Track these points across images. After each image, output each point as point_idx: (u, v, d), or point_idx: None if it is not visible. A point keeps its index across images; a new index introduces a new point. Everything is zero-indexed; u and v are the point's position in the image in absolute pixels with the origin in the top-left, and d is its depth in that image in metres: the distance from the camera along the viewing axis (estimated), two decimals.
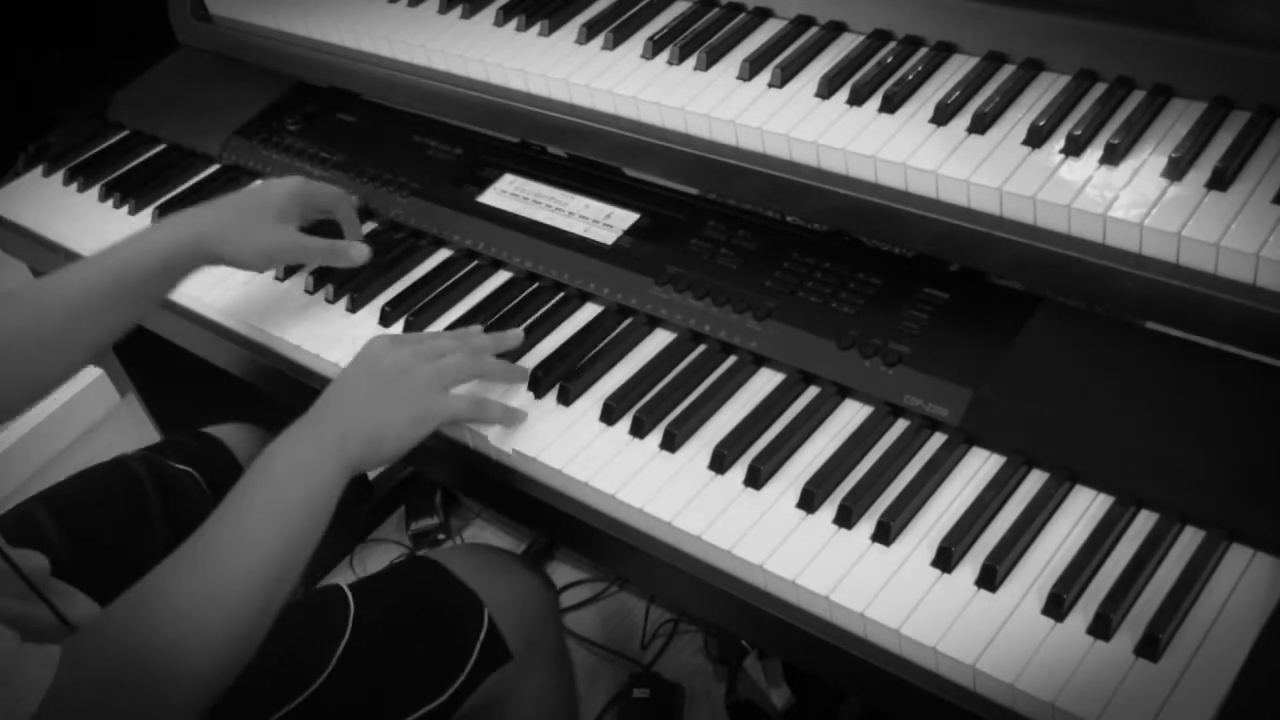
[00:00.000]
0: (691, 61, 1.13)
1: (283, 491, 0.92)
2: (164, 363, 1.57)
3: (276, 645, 0.91)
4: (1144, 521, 0.87)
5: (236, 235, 1.14)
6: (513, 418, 1.04)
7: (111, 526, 1.19)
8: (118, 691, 0.79)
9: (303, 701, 1.04)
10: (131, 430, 2.26)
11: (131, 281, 1.09)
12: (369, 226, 1.33)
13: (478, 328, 1.12)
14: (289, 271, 1.27)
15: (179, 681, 0.82)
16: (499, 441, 1.03)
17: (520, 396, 1.07)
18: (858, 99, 1.04)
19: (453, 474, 1.10)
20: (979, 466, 0.94)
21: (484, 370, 1.05)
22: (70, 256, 1.42)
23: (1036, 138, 0.96)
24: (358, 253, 1.22)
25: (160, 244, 1.12)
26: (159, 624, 0.83)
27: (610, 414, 1.03)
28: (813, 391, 1.02)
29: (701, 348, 1.08)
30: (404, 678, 1.08)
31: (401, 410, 0.98)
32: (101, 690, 0.78)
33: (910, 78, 1.04)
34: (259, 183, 1.21)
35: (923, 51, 1.08)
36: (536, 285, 1.19)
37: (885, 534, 0.89)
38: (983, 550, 0.87)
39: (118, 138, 1.59)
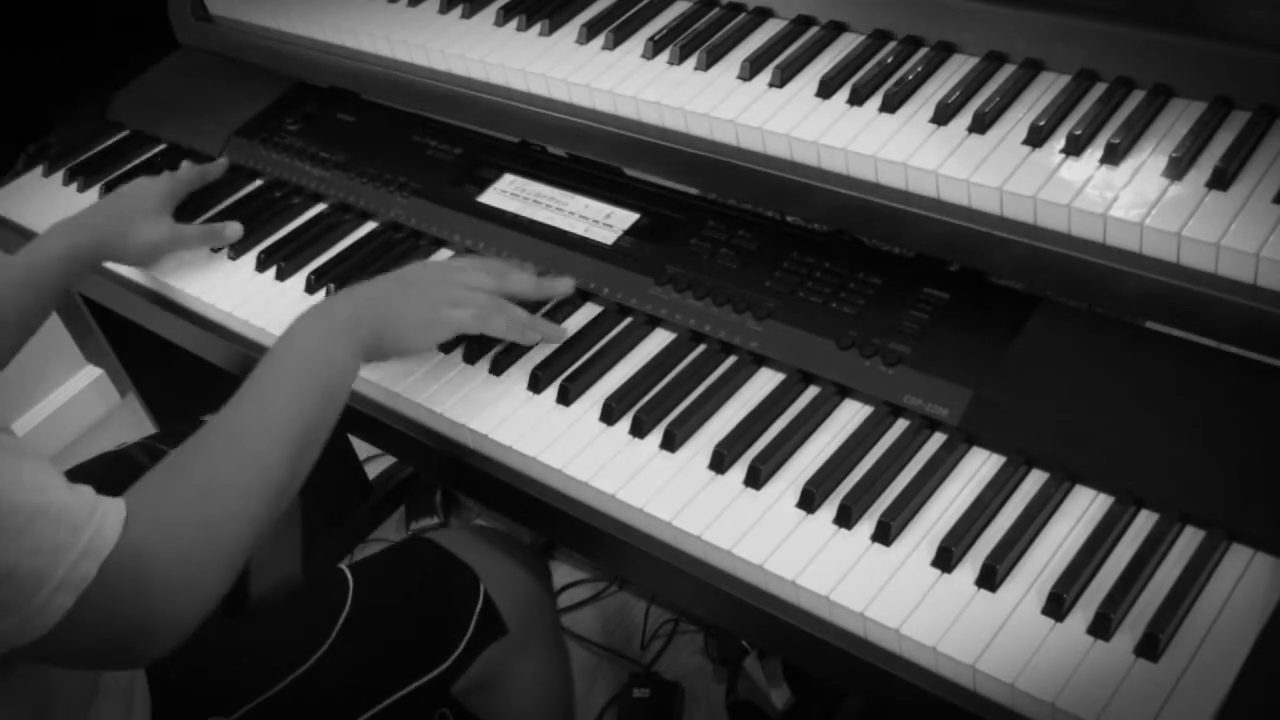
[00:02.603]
0: (692, 61, 1.13)
1: (299, 370, 0.95)
2: (164, 363, 1.57)
3: (277, 619, 0.93)
4: (1144, 521, 0.87)
5: (125, 237, 1.26)
6: (520, 329, 1.08)
7: None
8: (156, 554, 0.80)
9: (306, 670, 1.05)
10: (132, 430, 2.25)
11: (43, 289, 1.20)
12: (369, 226, 1.33)
13: (514, 265, 1.15)
14: (288, 272, 1.28)
15: (203, 553, 0.83)
16: (499, 439, 1.03)
17: (520, 396, 1.07)
18: (858, 99, 1.04)
19: (452, 473, 1.10)
20: (979, 466, 0.94)
21: (505, 315, 1.08)
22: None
23: (1037, 137, 0.96)
24: (232, 231, 1.31)
25: (63, 252, 1.22)
26: (183, 500, 0.84)
27: (610, 414, 1.03)
28: (813, 391, 1.02)
29: (701, 348, 1.08)
30: (403, 647, 1.10)
31: (412, 310, 1.03)
32: (145, 550, 0.80)
33: (910, 78, 1.04)
34: (132, 184, 1.34)
35: (923, 51, 1.08)
36: None
37: (885, 534, 0.89)
38: (983, 550, 0.87)
39: (118, 138, 1.59)
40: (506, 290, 1.09)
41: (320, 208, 1.37)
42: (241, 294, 1.27)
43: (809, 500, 0.93)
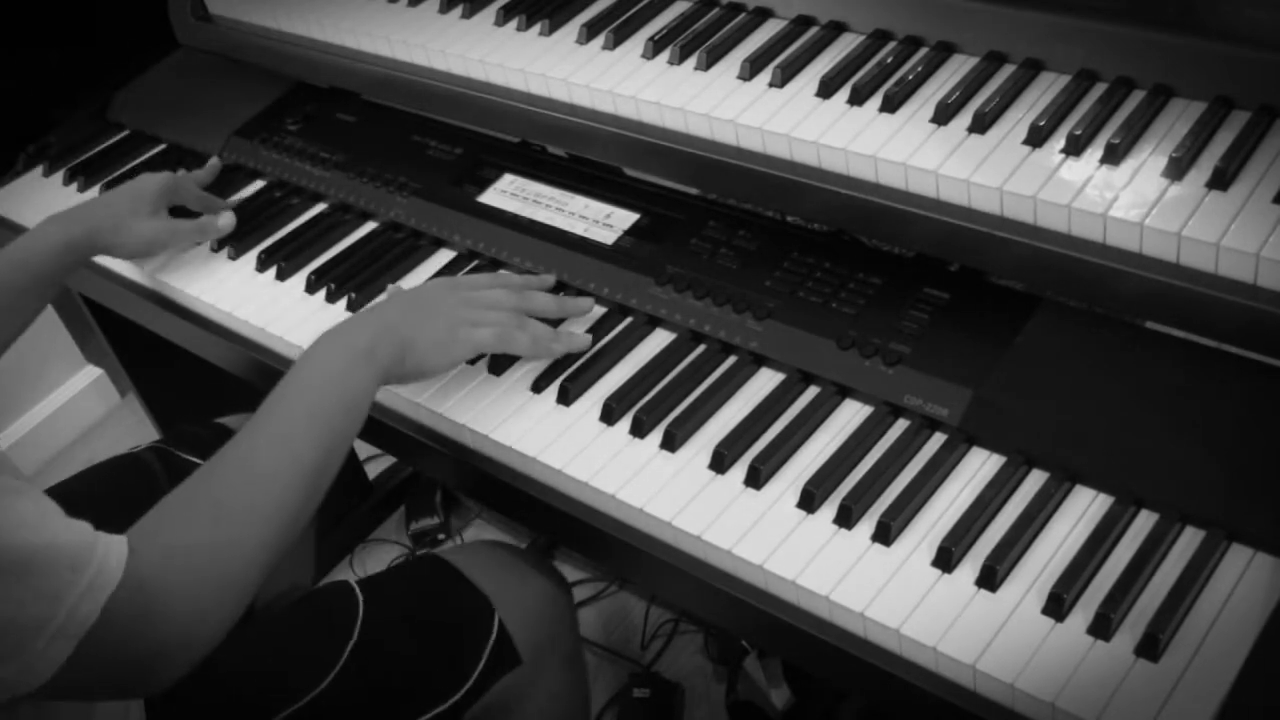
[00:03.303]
0: (692, 61, 1.13)
1: (318, 396, 0.94)
2: (164, 362, 1.57)
3: (284, 642, 0.91)
4: (1144, 521, 0.87)
5: (120, 229, 1.26)
6: (544, 345, 1.06)
7: (126, 520, 1.19)
8: (165, 585, 0.79)
9: (309, 701, 1.04)
10: (132, 430, 2.26)
11: (37, 278, 1.20)
12: (369, 226, 1.33)
13: (546, 281, 1.15)
14: (288, 272, 1.28)
15: (217, 581, 0.82)
16: (499, 439, 1.03)
17: (521, 396, 1.07)
18: (858, 99, 1.04)
19: (453, 473, 1.10)
20: (979, 466, 0.94)
21: (525, 332, 1.06)
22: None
23: (1037, 137, 0.96)
24: (225, 221, 1.33)
25: (58, 242, 1.22)
26: (196, 527, 0.83)
27: (610, 414, 1.03)
28: (813, 391, 1.02)
29: (701, 348, 1.08)
30: (411, 680, 1.08)
31: (431, 333, 1.02)
32: (152, 583, 0.78)
33: (910, 78, 1.04)
34: (131, 181, 1.34)
35: (923, 51, 1.08)
36: None
37: (885, 534, 0.89)
38: (983, 550, 0.87)
39: (118, 138, 1.59)
40: (527, 309, 1.08)
41: (320, 208, 1.37)
42: (242, 294, 1.27)
43: (809, 500, 0.93)
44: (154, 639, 0.78)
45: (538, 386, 1.07)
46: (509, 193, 1.29)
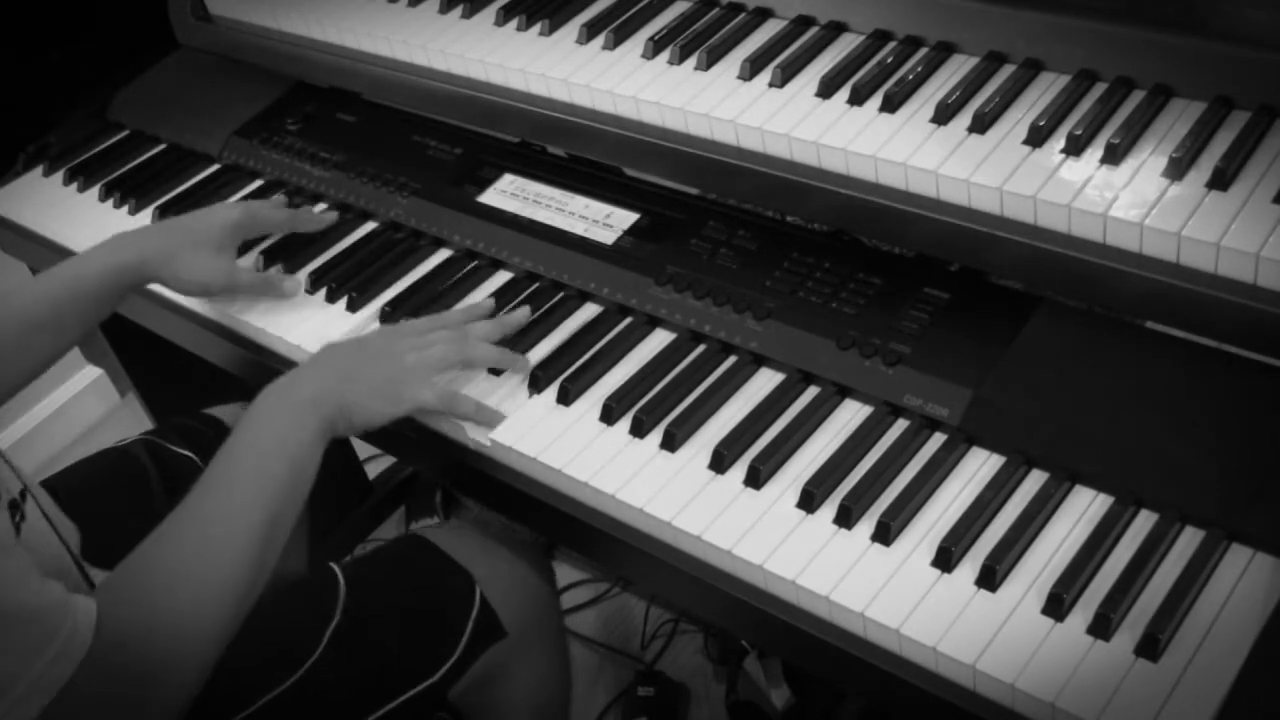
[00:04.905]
0: (692, 61, 1.13)
1: (265, 451, 0.94)
2: (163, 362, 1.57)
3: (267, 625, 0.92)
4: (1144, 521, 0.87)
5: (177, 264, 1.19)
6: (487, 416, 1.06)
7: (115, 512, 1.19)
8: (126, 657, 0.80)
9: (295, 682, 1.04)
10: (131, 430, 2.25)
11: (81, 298, 1.15)
12: (369, 226, 1.33)
13: (483, 307, 1.15)
14: (289, 272, 1.28)
15: (179, 647, 0.83)
16: (499, 439, 1.03)
17: (520, 396, 1.07)
18: (858, 99, 1.04)
19: (452, 474, 1.10)
20: (979, 466, 0.94)
21: (470, 356, 1.07)
22: (70, 256, 1.42)
23: (1037, 137, 0.96)
24: (291, 286, 1.24)
25: (107, 264, 1.16)
26: (154, 595, 0.84)
27: (610, 414, 1.03)
28: (813, 391, 1.02)
29: (701, 348, 1.08)
30: (397, 655, 1.09)
31: (375, 388, 1.02)
32: (121, 647, 0.79)
33: (910, 78, 1.04)
34: (204, 210, 1.26)
35: (923, 51, 1.08)
36: (536, 285, 1.19)
37: (885, 534, 0.89)
38: (983, 550, 0.87)
39: (118, 138, 1.59)
40: (469, 363, 1.08)
41: (320, 208, 1.37)
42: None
43: (809, 500, 0.93)
44: (126, 699, 0.79)
45: (538, 386, 1.07)
46: (509, 193, 1.29)
